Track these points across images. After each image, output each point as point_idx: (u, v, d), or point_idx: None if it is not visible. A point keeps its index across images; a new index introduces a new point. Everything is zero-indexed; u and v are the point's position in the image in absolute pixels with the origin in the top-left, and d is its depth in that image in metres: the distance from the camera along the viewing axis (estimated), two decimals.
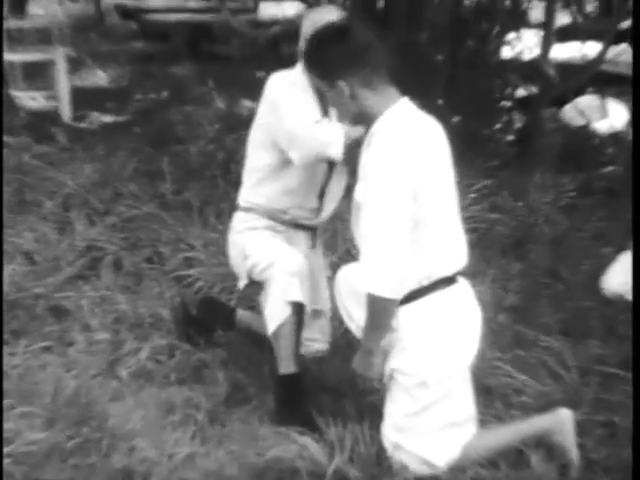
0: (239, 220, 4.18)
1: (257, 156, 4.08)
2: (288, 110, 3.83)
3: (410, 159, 3.00)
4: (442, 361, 3.19)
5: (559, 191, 6.56)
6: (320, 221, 4.23)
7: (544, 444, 3.46)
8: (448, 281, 3.22)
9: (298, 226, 4.15)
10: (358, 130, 3.58)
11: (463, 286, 3.30)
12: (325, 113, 3.96)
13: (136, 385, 4.13)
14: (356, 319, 3.40)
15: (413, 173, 3.00)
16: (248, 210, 4.12)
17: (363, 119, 3.24)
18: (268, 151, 3.98)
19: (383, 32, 7.56)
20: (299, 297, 3.87)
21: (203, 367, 4.27)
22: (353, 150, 3.63)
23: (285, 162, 3.89)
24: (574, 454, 3.41)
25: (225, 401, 4.00)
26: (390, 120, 3.10)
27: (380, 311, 3.10)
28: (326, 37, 3.19)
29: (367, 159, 3.11)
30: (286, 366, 3.94)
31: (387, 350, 3.25)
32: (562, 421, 3.43)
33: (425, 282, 3.15)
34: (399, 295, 3.05)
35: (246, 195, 4.14)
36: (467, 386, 3.33)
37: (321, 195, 4.13)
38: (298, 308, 3.89)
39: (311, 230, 4.23)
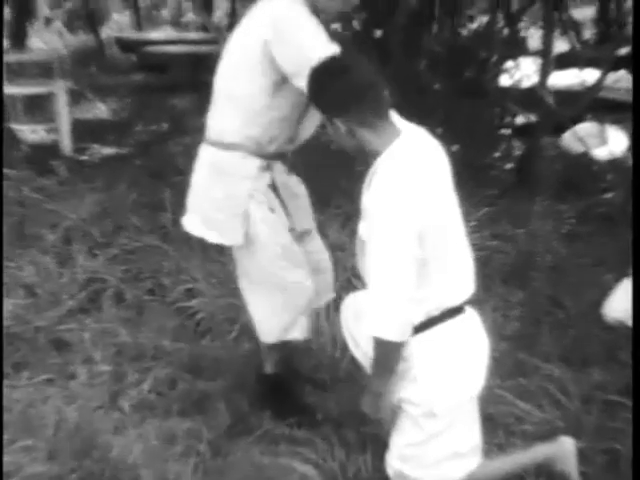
0: (229, 164, 3.90)
1: (241, 87, 3.80)
2: (306, 33, 3.61)
3: (412, 199, 2.94)
4: (451, 391, 3.17)
5: (559, 218, 6.57)
6: (294, 147, 4.04)
7: (546, 472, 3.45)
8: (456, 311, 3.21)
9: (279, 155, 3.94)
10: None
11: (471, 315, 3.29)
12: None
13: (138, 417, 4.13)
14: (362, 346, 3.39)
15: (416, 213, 2.94)
16: (233, 147, 3.85)
17: (363, 155, 3.17)
18: (259, 80, 3.74)
19: (382, 60, 7.64)
20: (297, 335, 3.97)
21: (204, 398, 4.26)
22: None
23: (278, 91, 3.72)
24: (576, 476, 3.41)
25: (227, 432, 4.00)
26: (390, 159, 3.03)
27: (387, 354, 3.06)
28: (324, 75, 3.13)
29: (369, 198, 3.06)
30: (270, 367, 4.16)
31: (395, 390, 3.23)
32: (564, 449, 3.42)
33: (434, 313, 3.13)
34: (405, 337, 3.01)
35: (232, 130, 3.86)
36: (474, 416, 3.32)
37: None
38: None
39: (285, 157, 4.00)
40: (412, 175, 2.98)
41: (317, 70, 3.16)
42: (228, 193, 3.88)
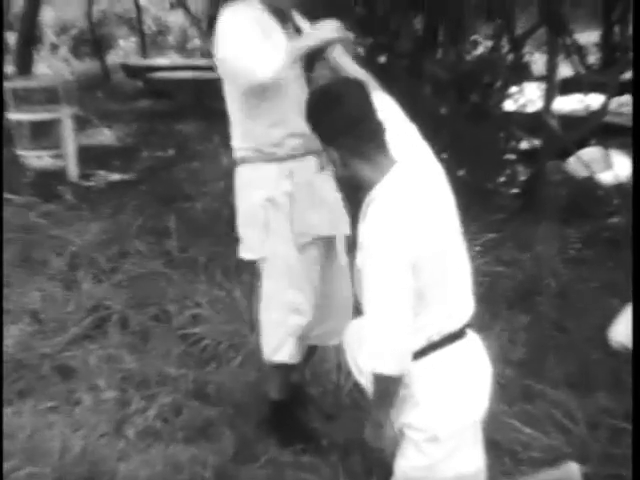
0: (243, 179, 3.97)
1: (231, 103, 3.90)
2: (223, 41, 3.72)
3: (406, 230, 2.90)
4: (454, 416, 3.15)
5: (564, 243, 6.56)
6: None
7: None
8: (457, 335, 3.20)
9: (298, 155, 3.87)
10: (305, 41, 3.66)
11: (472, 339, 3.27)
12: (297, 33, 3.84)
13: (143, 444, 4.12)
14: (366, 373, 3.38)
15: (410, 244, 2.90)
16: (243, 160, 3.91)
17: (358, 184, 3.11)
18: (231, 90, 3.85)
19: (387, 86, 7.66)
20: (291, 359, 3.98)
21: (210, 425, 4.25)
22: (313, 58, 3.71)
23: (254, 97, 3.72)
24: None
25: (232, 458, 3.98)
26: (384, 190, 2.99)
27: (386, 386, 3.04)
28: (317, 104, 3.12)
29: (364, 229, 3.02)
30: (276, 393, 4.15)
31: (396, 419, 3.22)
32: (570, 475, 3.41)
33: (435, 338, 3.12)
34: (404, 370, 2.98)
35: (237, 145, 3.94)
36: (477, 439, 3.30)
37: None
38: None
39: (314, 152, 3.85)
40: (406, 206, 2.95)
41: (312, 98, 3.17)
42: (247, 206, 3.92)
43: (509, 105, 8.11)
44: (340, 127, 2.99)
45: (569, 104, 9.03)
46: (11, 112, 9.19)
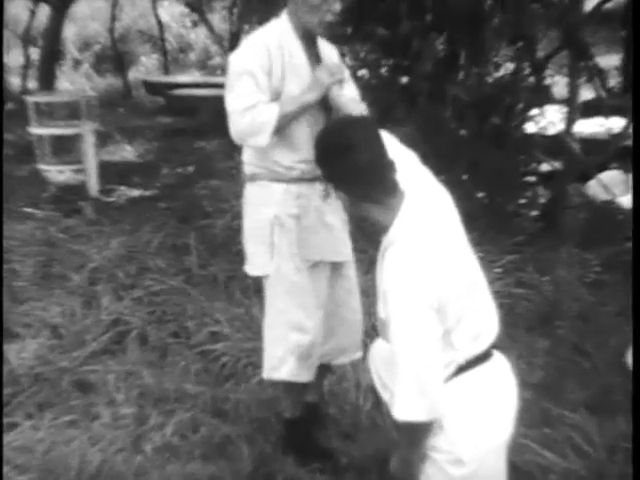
0: (251, 196, 4.00)
1: None
2: (229, 89, 3.75)
3: (429, 273, 2.85)
4: (479, 438, 3.12)
5: (584, 266, 6.54)
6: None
7: None
8: (483, 357, 3.17)
9: (306, 179, 3.85)
10: (305, 96, 3.66)
11: (498, 360, 3.25)
12: (316, 59, 3.83)
13: (161, 460, 4.12)
14: (391, 389, 3.37)
15: (434, 286, 2.85)
16: (253, 177, 3.94)
17: (370, 224, 3.04)
18: None
19: (408, 107, 7.67)
20: (291, 377, 3.99)
21: (227, 442, 4.25)
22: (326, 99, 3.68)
23: None
24: None
25: (249, 476, 3.98)
26: (400, 232, 2.92)
27: (415, 432, 3.01)
28: (326, 150, 3.01)
29: (384, 276, 2.94)
30: (289, 411, 4.17)
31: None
32: None
33: (461, 361, 3.09)
34: (434, 416, 2.94)
35: (248, 159, 3.97)
36: (502, 463, 3.27)
37: None
38: None
39: (318, 180, 3.73)
40: (424, 248, 2.90)
41: (320, 142, 3.07)
42: (253, 223, 3.95)
43: (530, 127, 8.10)
44: (350, 175, 2.91)
45: (590, 127, 9.02)
46: (33, 127, 9.23)
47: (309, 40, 3.82)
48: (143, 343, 5.38)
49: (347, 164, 2.88)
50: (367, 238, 3.25)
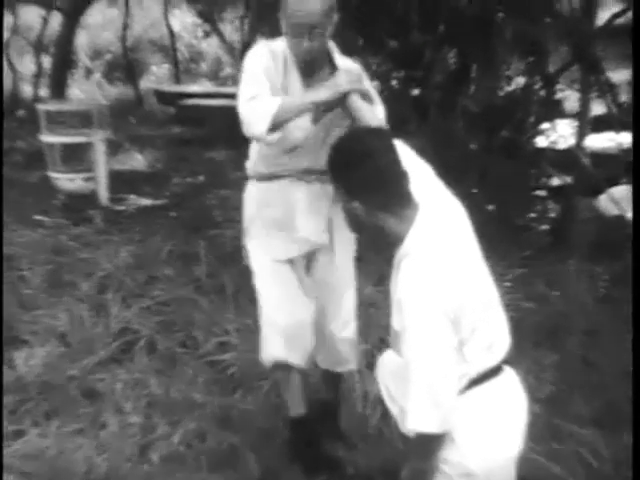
0: (245, 193, 4.31)
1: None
2: (240, 85, 3.75)
3: (444, 285, 2.86)
4: (490, 451, 3.11)
5: (594, 281, 6.53)
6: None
7: None
8: (495, 371, 3.16)
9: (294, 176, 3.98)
10: (317, 94, 3.61)
11: (509, 374, 3.24)
12: (308, 85, 3.79)
13: (167, 469, 4.11)
14: (399, 402, 3.37)
15: (450, 298, 2.86)
16: (250, 177, 4.19)
17: (378, 238, 3.09)
18: None
19: (419, 119, 7.67)
20: (281, 355, 4.07)
21: (235, 452, 4.24)
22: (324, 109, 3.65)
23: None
24: None
25: None
26: (416, 243, 2.93)
27: (428, 444, 3.01)
28: (344, 159, 3.00)
29: (399, 287, 2.94)
30: (294, 408, 4.20)
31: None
32: None
33: (474, 375, 3.09)
34: (447, 428, 2.95)
35: (257, 165, 4.15)
36: (511, 478, 3.26)
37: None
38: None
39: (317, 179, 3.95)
40: (440, 260, 2.91)
41: (337, 152, 3.07)
42: (244, 219, 4.31)
43: (541, 141, 8.10)
44: (368, 184, 2.92)
45: (601, 142, 9.01)
46: (44, 134, 9.24)
47: (308, 63, 3.78)
48: (151, 352, 5.37)
49: (365, 171, 2.90)
50: (378, 251, 3.25)
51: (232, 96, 4.18)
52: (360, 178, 2.92)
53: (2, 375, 4.80)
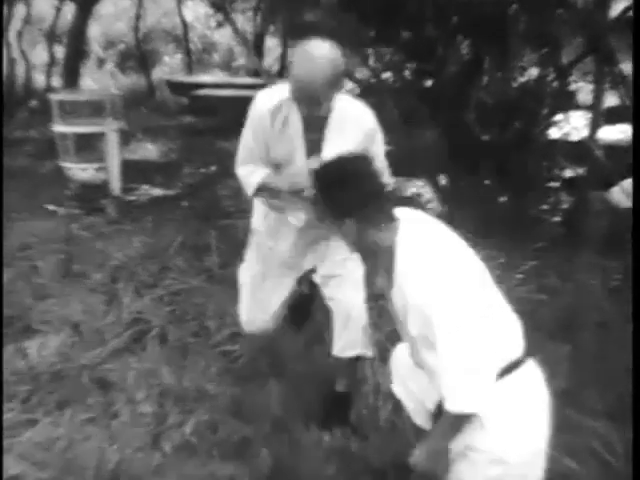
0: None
1: None
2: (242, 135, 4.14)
3: (446, 268, 3.02)
4: (521, 439, 3.13)
5: (606, 273, 6.50)
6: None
7: None
8: (520, 361, 3.18)
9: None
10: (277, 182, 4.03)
11: (532, 366, 3.26)
12: (310, 136, 3.97)
13: (179, 459, 4.11)
14: (417, 395, 3.38)
15: (454, 277, 3.00)
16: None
17: (371, 252, 3.27)
18: None
19: (432, 111, 7.66)
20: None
21: (246, 443, 4.24)
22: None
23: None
24: None
25: (269, 477, 3.97)
26: (406, 247, 3.09)
27: (457, 424, 3.05)
28: (334, 181, 3.18)
29: (407, 293, 3.05)
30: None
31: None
32: None
33: (501, 364, 3.10)
34: (484, 405, 3.00)
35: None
36: (541, 469, 3.25)
37: None
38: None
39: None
40: (434, 251, 3.07)
41: (325, 175, 3.24)
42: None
43: (554, 133, 8.07)
44: (358, 202, 3.12)
45: (614, 134, 8.98)
46: (57, 124, 9.25)
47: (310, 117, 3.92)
48: (163, 342, 5.38)
49: (355, 191, 3.12)
50: (373, 264, 3.34)
51: (244, 86, 4.21)
52: (350, 198, 3.11)
53: (2, 368, 4.80)
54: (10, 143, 11.91)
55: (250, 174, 4.14)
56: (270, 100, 3.94)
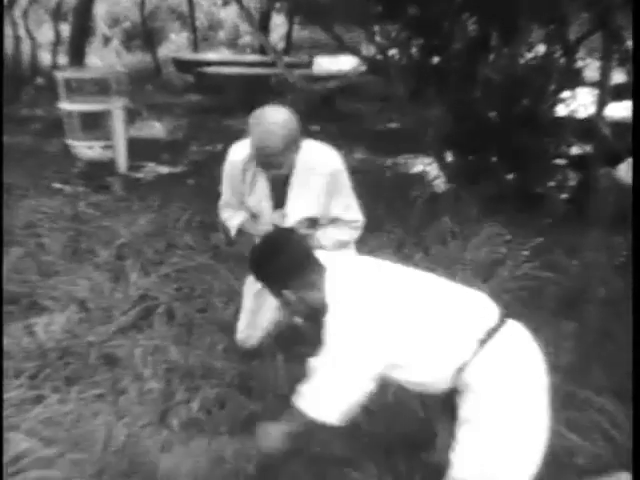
0: None
1: None
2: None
3: (374, 320, 3.16)
4: (514, 399, 3.15)
5: (613, 250, 6.50)
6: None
7: None
8: (498, 327, 3.21)
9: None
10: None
11: (512, 326, 3.27)
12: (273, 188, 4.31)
13: (186, 435, 4.13)
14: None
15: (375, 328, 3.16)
16: None
17: (315, 314, 3.37)
18: None
19: (438, 88, 7.64)
20: None
21: (254, 418, 4.25)
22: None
23: None
24: None
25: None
26: (332, 294, 3.25)
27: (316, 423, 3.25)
28: (261, 258, 3.43)
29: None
30: None
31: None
32: None
33: (481, 336, 3.13)
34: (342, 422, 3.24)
35: None
36: (542, 421, 3.27)
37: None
38: None
39: None
40: (367, 295, 3.22)
41: (253, 256, 3.49)
42: None
43: (561, 110, 8.05)
44: (288, 270, 3.35)
45: (621, 111, 8.95)
46: (63, 102, 9.25)
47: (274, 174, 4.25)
48: (170, 319, 5.39)
49: (283, 263, 3.36)
50: (318, 324, 3.46)
51: (250, 64, 4.23)
52: (280, 271, 3.35)
53: (2, 346, 4.81)
54: (17, 121, 11.92)
55: (230, 218, 4.57)
56: (242, 154, 4.23)
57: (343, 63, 13.27)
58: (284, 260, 3.34)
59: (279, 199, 4.26)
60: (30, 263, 6.09)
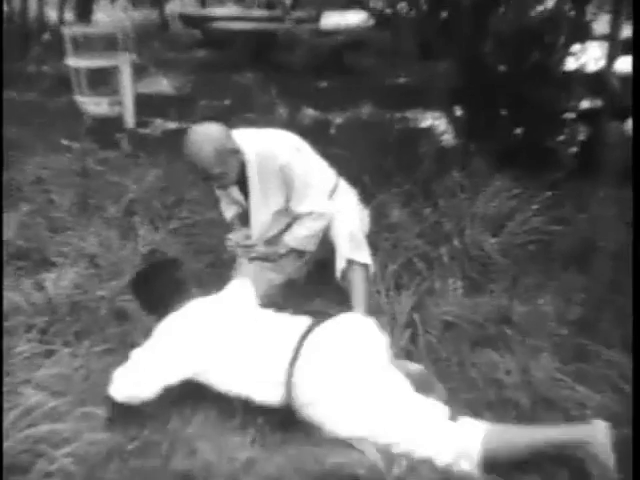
0: None
1: None
2: None
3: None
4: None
5: (622, 205, 6.47)
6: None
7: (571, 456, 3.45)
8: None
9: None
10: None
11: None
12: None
13: (196, 388, 4.14)
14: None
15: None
16: None
17: None
18: None
19: (447, 41, 7.59)
20: None
21: None
22: None
23: None
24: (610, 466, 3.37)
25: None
26: None
27: None
28: (138, 286, 4.29)
29: None
30: None
31: None
32: (597, 433, 3.41)
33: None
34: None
35: None
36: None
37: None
38: None
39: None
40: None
41: (132, 286, 4.39)
42: None
43: (571, 63, 7.99)
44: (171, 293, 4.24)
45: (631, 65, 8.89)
46: (70, 58, 9.23)
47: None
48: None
49: (162, 286, 4.30)
50: None
51: (258, 19, 4.22)
52: (160, 294, 4.20)
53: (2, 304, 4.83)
54: (24, 78, 11.88)
55: (226, 210, 5.39)
56: None
57: (351, 18, 13.21)
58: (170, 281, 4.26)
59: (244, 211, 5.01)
60: (39, 219, 6.10)
